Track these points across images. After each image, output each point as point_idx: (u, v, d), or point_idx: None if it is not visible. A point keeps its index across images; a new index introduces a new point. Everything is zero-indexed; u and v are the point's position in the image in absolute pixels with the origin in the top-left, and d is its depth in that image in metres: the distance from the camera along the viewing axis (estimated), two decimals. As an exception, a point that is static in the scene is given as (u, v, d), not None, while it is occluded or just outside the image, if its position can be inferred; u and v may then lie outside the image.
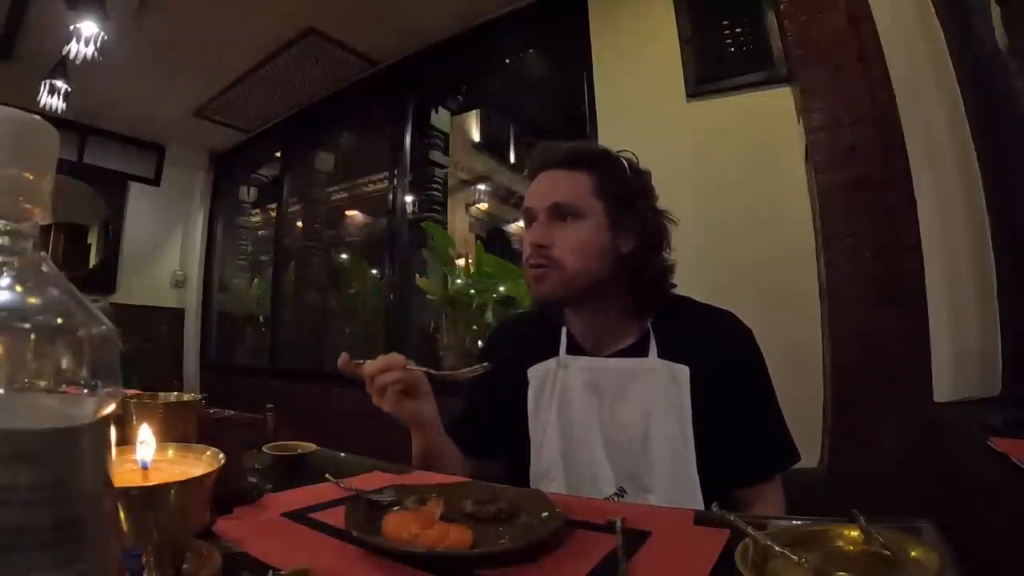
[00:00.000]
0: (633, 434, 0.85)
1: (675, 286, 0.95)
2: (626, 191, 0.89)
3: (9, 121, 0.26)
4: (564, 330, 0.95)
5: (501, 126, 6.88)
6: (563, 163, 0.91)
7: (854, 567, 0.46)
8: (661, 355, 0.87)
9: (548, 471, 0.88)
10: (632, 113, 2.21)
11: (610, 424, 0.86)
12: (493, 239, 6.39)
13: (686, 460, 0.82)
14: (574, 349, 0.94)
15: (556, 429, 0.89)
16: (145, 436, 0.46)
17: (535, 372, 0.94)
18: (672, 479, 0.82)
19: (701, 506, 0.79)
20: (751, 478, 0.86)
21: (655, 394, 0.85)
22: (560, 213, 0.88)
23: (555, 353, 0.93)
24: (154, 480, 0.45)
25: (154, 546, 0.42)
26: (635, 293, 0.90)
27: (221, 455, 0.50)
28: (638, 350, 0.89)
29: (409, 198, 3.22)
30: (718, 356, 0.85)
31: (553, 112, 5.28)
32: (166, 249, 4.42)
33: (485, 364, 0.88)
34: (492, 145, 6.82)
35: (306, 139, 3.99)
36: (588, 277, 0.88)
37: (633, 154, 0.95)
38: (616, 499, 0.82)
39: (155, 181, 4.33)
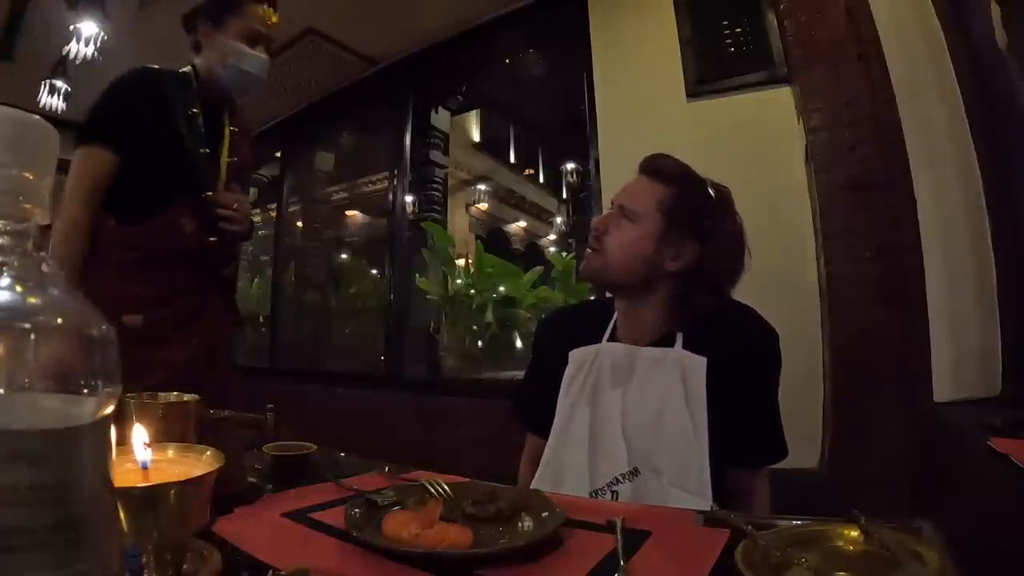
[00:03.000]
0: (648, 419, 0.90)
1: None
2: (693, 221, 0.94)
3: (9, 121, 0.26)
4: (613, 321, 1.02)
5: (501, 126, 6.89)
6: (652, 172, 0.98)
7: (854, 567, 0.46)
8: (685, 346, 0.92)
9: (572, 446, 0.94)
10: (632, 113, 2.21)
11: (631, 408, 0.92)
12: (493, 239, 6.40)
13: (696, 447, 0.86)
14: (614, 338, 1.01)
15: (585, 409, 0.95)
16: (144, 436, 0.46)
17: (576, 354, 1.00)
18: (681, 464, 0.86)
19: (709, 491, 0.83)
20: (744, 463, 0.92)
21: (674, 383, 0.90)
22: (623, 213, 0.97)
23: (599, 340, 1.00)
24: (154, 480, 0.45)
25: (154, 546, 0.42)
26: (677, 304, 0.96)
27: (221, 455, 0.50)
28: (667, 341, 0.95)
29: (409, 198, 3.22)
30: (738, 350, 0.91)
31: (553, 112, 5.29)
32: (166, 249, 4.40)
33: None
34: (492, 145, 6.83)
35: (306, 139, 3.99)
36: (622, 273, 0.96)
37: (728, 192, 0.99)
38: (631, 477, 0.87)
39: (155, 181, 4.32)
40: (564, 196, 6.28)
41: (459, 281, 3.03)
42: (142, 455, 0.45)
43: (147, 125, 1.31)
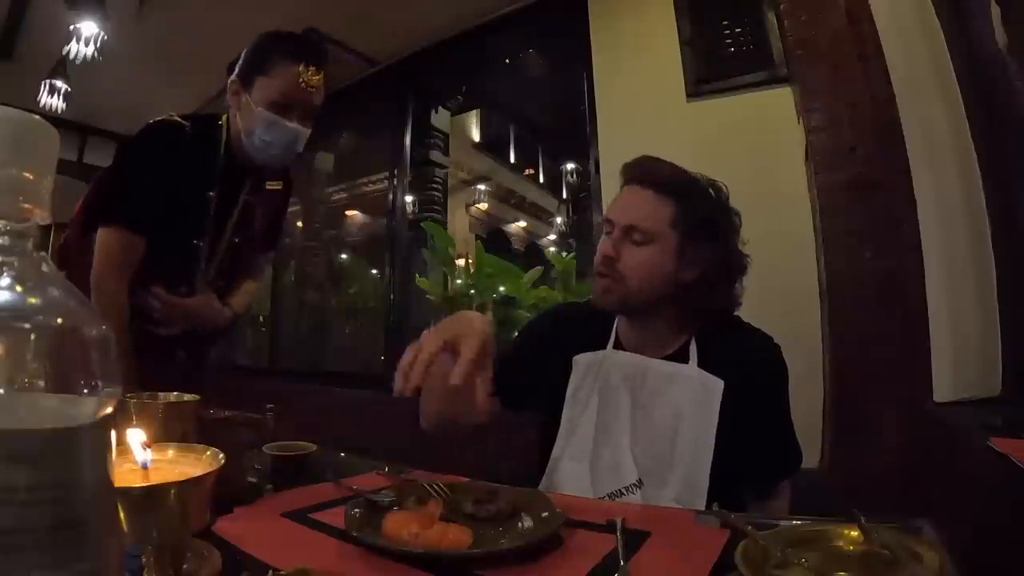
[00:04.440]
0: (661, 433, 0.89)
1: (737, 304, 0.98)
2: (704, 226, 0.92)
3: (9, 121, 0.26)
4: (615, 326, 1.00)
5: (501, 126, 6.89)
6: (653, 184, 0.94)
7: (854, 567, 0.46)
8: (700, 365, 0.91)
9: (575, 455, 0.93)
10: (632, 113, 2.21)
11: (641, 420, 0.91)
12: (493, 239, 6.40)
13: (703, 467, 0.86)
14: (619, 346, 0.99)
15: (592, 416, 0.93)
16: (143, 436, 0.46)
17: (581, 360, 0.98)
18: (686, 481, 0.86)
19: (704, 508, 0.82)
20: (765, 485, 0.92)
21: (687, 401, 0.89)
22: (632, 234, 0.93)
23: (603, 346, 0.98)
24: (154, 480, 0.45)
25: (154, 546, 0.42)
26: (688, 314, 0.95)
27: (221, 455, 0.50)
28: (679, 356, 0.94)
29: (409, 198, 3.21)
30: (751, 376, 0.90)
31: (553, 112, 5.29)
32: (166, 249, 4.40)
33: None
34: (492, 145, 6.83)
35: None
36: (646, 295, 0.93)
37: (724, 186, 0.98)
38: (635, 489, 0.87)
39: (155, 181, 4.32)
40: (564, 196, 6.29)
41: (459, 281, 3.02)
42: (142, 455, 0.45)
43: (159, 208, 1.21)
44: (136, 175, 1.23)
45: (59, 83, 2.81)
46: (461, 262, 3.20)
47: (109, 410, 0.27)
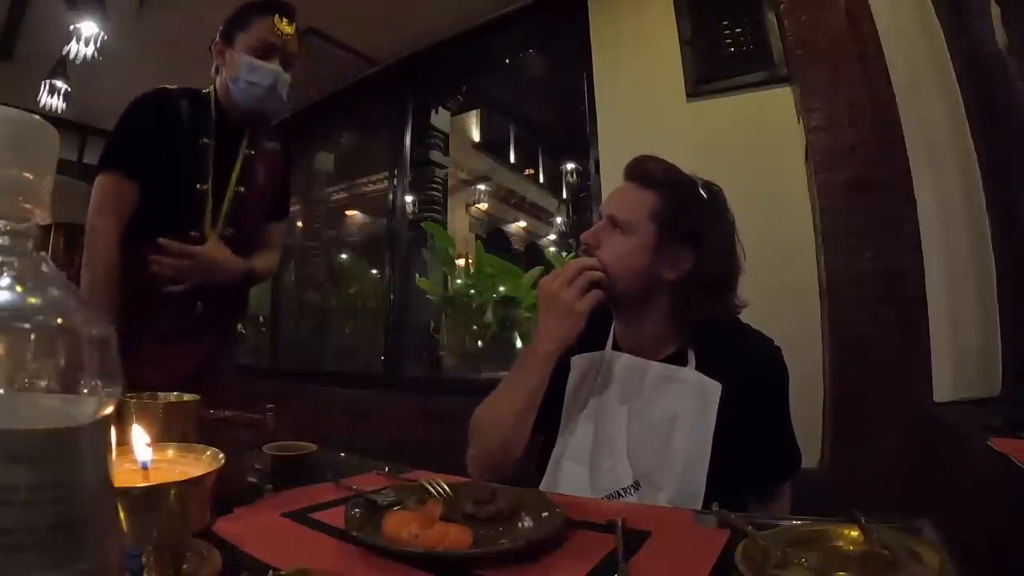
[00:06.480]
0: (657, 435, 0.88)
1: (736, 314, 0.96)
2: (687, 226, 0.91)
3: (9, 121, 0.26)
4: (613, 328, 1.00)
5: (501, 126, 6.88)
6: (640, 178, 0.95)
7: (854, 567, 0.46)
8: (698, 368, 0.90)
9: (574, 456, 0.93)
10: (632, 113, 2.21)
11: (637, 422, 0.90)
12: (493, 239, 6.40)
13: (699, 470, 0.85)
14: (617, 347, 0.99)
15: (590, 418, 0.94)
16: (144, 436, 0.46)
17: (579, 361, 0.98)
18: (682, 484, 0.85)
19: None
20: (765, 487, 0.92)
21: (685, 403, 0.89)
22: (614, 224, 0.94)
23: (601, 347, 0.98)
24: (154, 480, 0.45)
25: (154, 546, 0.42)
26: (681, 316, 0.93)
27: (221, 455, 0.50)
28: (677, 359, 0.93)
29: (409, 198, 3.21)
30: (750, 379, 0.89)
31: (553, 112, 5.28)
32: (166, 249, 4.40)
33: None
34: (492, 145, 6.83)
35: (306, 139, 3.98)
36: (620, 287, 0.92)
37: (719, 190, 0.97)
38: (632, 491, 0.86)
39: (155, 181, 4.31)
40: (564, 196, 6.28)
41: (459, 281, 3.03)
42: (142, 455, 0.45)
43: (155, 155, 1.28)
44: (128, 127, 1.32)
45: (59, 83, 2.81)
46: (461, 262, 3.21)
47: (109, 410, 0.27)
